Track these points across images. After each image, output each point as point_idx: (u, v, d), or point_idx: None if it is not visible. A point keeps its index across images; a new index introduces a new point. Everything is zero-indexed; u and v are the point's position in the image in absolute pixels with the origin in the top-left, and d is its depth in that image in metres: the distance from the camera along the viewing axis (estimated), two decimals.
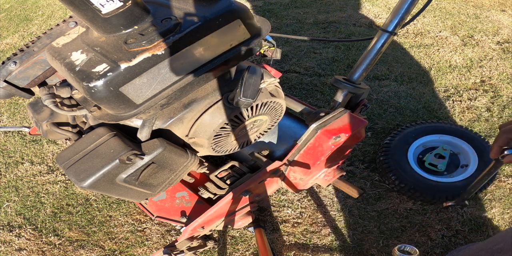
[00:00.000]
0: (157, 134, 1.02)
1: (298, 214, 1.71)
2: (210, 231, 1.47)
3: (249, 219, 1.40)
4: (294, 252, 1.58)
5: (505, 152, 0.76)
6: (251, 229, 1.62)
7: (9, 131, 2.30)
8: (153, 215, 1.30)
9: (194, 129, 1.05)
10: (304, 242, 1.61)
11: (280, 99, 1.14)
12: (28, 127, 1.63)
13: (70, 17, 1.10)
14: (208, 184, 1.23)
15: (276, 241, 1.62)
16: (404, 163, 1.71)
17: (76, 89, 1.05)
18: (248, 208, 1.38)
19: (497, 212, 1.63)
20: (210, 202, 1.28)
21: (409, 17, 1.28)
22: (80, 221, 1.78)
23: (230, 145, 1.18)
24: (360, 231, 1.63)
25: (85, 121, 1.17)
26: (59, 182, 1.96)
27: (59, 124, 1.15)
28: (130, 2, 0.80)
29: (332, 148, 1.17)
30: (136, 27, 0.85)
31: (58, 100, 1.07)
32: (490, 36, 2.71)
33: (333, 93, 2.28)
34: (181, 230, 1.26)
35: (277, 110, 1.18)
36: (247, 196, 1.22)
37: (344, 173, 1.59)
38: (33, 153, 2.14)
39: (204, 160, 1.25)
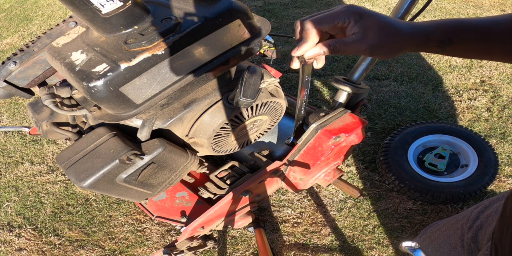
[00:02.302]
0: (157, 134, 1.02)
1: (298, 214, 1.71)
2: (210, 231, 1.47)
3: (249, 219, 1.40)
4: (294, 252, 1.58)
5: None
6: (251, 229, 1.62)
7: (9, 131, 2.30)
8: (153, 215, 1.30)
9: (194, 129, 1.05)
10: (304, 242, 1.61)
11: (280, 99, 1.14)
12: (28, 127, 1.63)
13: (70, 17, 1.10)
14: (208, 184, 1.23)
15: (276, 241, 1.62)
16: (404, 163, 1.71)
17: (76, 89, 1.05)
18: (248, 208, 1.38)
19: None
20: (210, 202, 1.28)
21: (409, 17, 1.28)
22: (80, 221, 1.78)
23: (230, 145, 1.18)
24: (360, 231, 1.63)
25: (85, 121, 1.17)
26: (59, 182, 1.96)
27: (59, 124, 1.15)
28: (130, 2, 0.80)
29: (332, 148, 1.17)
30: (136, 27, 0.85)
31: (58, 100, 1.07)
32: None
33: (333, 93, 2.29)
34: (181, 230, 1.26)
35: (277, 110, 1.18)
36: (247, 196, 1.22)
37: (344, 173, 1.59)
38: (33, 153, 2.14)
39: (204, 160, 1.25)
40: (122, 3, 0.78)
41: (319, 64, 0.68)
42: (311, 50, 0.61)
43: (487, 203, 0.91)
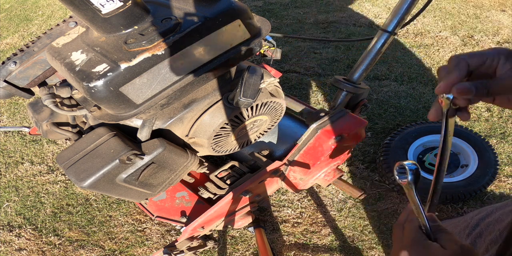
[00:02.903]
0: (157, 134, 1.02)
1: (298, 214, 1.71)
2: (210, 231, 1.47)
3: (249, 219, 1.40)
4: (294, 252, 1.58)
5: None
6: (251, 229, 1.62)
7: (9, 131, 2.30)
8: (153, 215, 1.30)
9: (194, 129, 1.05)
10: (304, 242, 1.61)
11: (280, 99, 1.14)
12: (28, 127, 1.63)
13: (70, 17, 1.10)
14: (208, 184, 1.23)
15: (276, 241, 1.62)
16: None
17: (76, 89, 1.05)
18: (248, 208, 1.38)
19: None
20: (210, 202, 1.28)
21: (409, 17, 1.28)
22: (80, 221, 1.78)
23: (230, 145, 1.18)
24: (360, 231, 1.63)
25: (85, 121, 1.17)
26: (59, 182, 1.96)
27: (59, 124, 1.15)
28: (130, 2, 0.80)
29: (332, 148, 1.17)
30: (136, 27, 0.85)
31: (58, 100, 1.07)
32: (490, 36, 2.71)
33: (333, 93, 2.29)
34: (181, 230, 1.26)
35: (277, 110, 1.18)
36: (247, 196, 1.22)
37: (344, 173, 1.58)
38: (33, 153, 2.14)
39: (204, 160, 1.25)
40: (122, 3, 0.78)
41: (464, 115, 0.57)
42: (460, 84, 0.52)
43: (490, 210, 0.90)
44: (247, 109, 1.05)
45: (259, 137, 1.28)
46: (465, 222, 0.95)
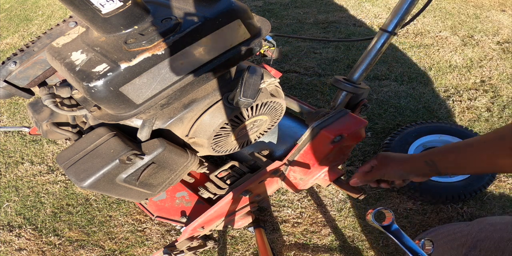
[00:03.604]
0: (157, 134, 1.02)
1: (298, 214, 1.71)
2: (210, 231, 1.47)
3: (249, 219, 1.40)
4: (294, 252, 1.58)
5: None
6: (251, 229, 1.62)
7: (9, 131, 2.30)
8: (153, 215, 1.30)
9: (194, 129, 1.05)
10: (304, 242, 1.61)
11: (280, 99, 1.14)
12: (28, 127, 1.63)
13: (70, 17, 1.10)
14: (208, 184, 1.23)
15: (276, 241, 1.62)
16: None
17: (76, 89, 1.05)
18: (248, 208, 1.38)
19: (497, 212, 1.63)
20: (210, 202, 1.28)
21: (409, 17, 1.28)
22: (80, 221, 1.78)
23: (230, 145, 1.18)
24: (360, 231, 1.63)
25: (85, 121, 1.17)
26: (59, 182, 1.96)
27: (59, 124, 1.15)
28: (130, 2, 0.80)
29: (332, 148, 1.17)
30: (136, 27, 0.85)
31: (58, 100, 1.07)
32: (490, 36, 2.71)
33: (333, 93, 2.29)
34: (181, 230, 1.26)
35: (277, 110, 1.18)
36: (247, 196, 1.22)
37: (344, 173, 1.58)
38: (33, 153, 2.14)
39: (204, 160, 1.25)
40: (122, 3, 0.78)
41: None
42: (353, 180, 1.06)
43: (490, 231, 0.89)
44: (247, 109, 1.05)
45: (259, 137, 1.28)
46: (463, 237, 0.94)
